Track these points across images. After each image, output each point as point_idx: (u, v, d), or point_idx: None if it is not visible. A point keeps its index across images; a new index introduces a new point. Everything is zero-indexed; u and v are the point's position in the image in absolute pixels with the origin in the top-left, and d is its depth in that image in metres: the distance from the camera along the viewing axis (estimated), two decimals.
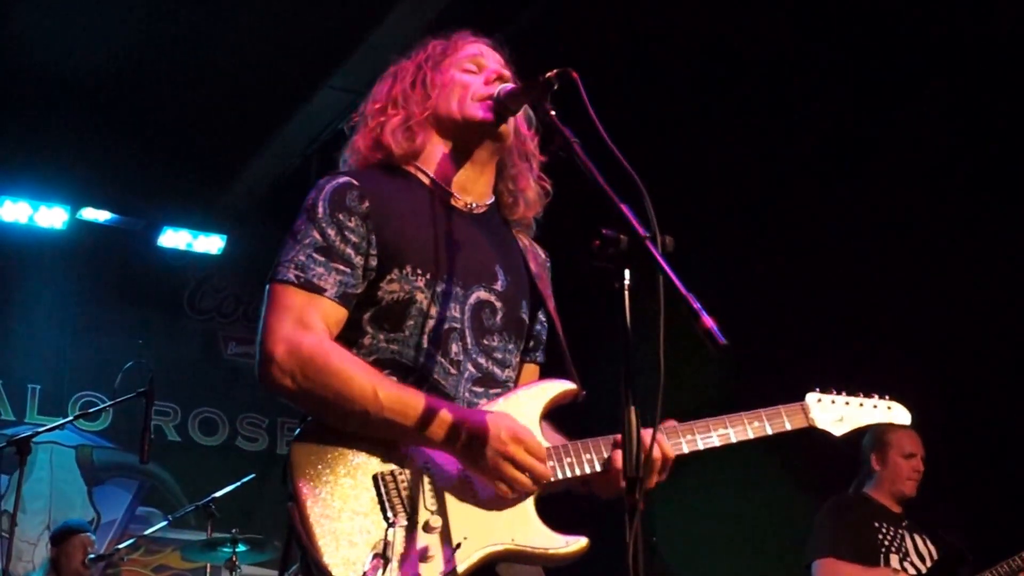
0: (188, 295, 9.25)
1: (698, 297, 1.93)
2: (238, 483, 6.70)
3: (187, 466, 8.77)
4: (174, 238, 8.86)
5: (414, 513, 2.29)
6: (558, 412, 2.56)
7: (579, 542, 2.40)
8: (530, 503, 2.40)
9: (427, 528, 2.29)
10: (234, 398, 9.06)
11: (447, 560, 2.27)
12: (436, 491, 2.34)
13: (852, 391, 2.85)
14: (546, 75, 2.38)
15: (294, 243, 2.46)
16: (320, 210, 2.47)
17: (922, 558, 5.23)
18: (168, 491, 8.78)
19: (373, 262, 2.47)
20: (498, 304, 2.58)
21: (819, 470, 5.86)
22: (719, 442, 2.58)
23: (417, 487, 2.33)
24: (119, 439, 8.62)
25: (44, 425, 6.26)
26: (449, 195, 2.62)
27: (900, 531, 5.29)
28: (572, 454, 2.44)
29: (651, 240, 2.04)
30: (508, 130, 2.62)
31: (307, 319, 2.38)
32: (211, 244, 8.94)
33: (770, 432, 2.65)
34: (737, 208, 7.43)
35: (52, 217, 8.45)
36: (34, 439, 5.79)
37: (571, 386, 2.54)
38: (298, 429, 2.40)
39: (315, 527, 2.25)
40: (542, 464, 2.36)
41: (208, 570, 6.86)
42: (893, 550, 5.21)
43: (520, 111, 2.63)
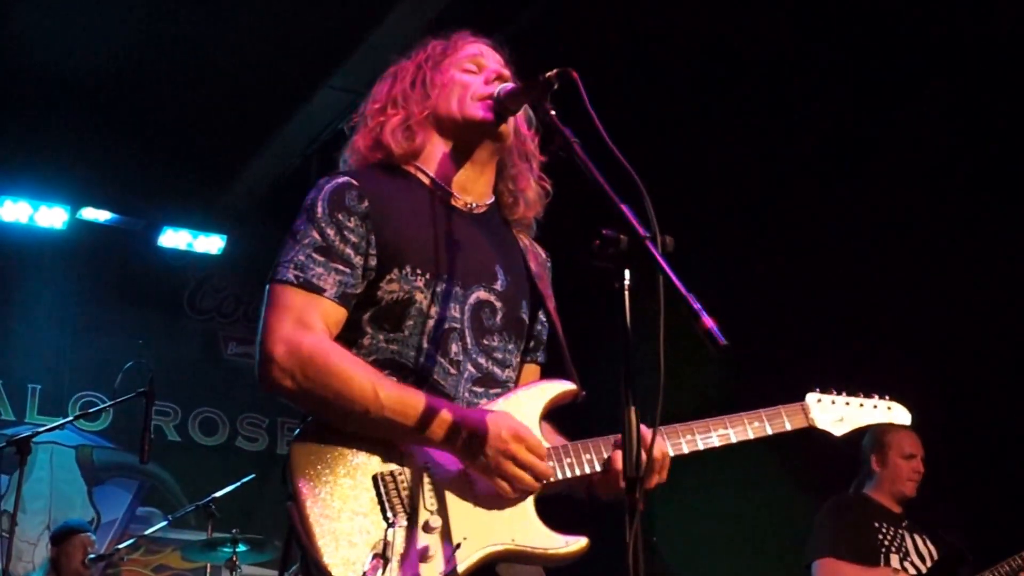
0: (188, 295, 9.25)
1: (698, 297, 1.93)
2: (238, 483, 6.70)
3: (187, 466, 8.77)
4: (174, 238, 8.86)
5: (414, 513, 2.29)
6: (558, 412, 2.55)
7: (579, 542, 2.40)
8: (530, 503, 2.40)
9: (427, 528, 2.28)
10: (234, 398, 9.05)
11: (447, 560, 2.27)
12: (436, 491, 2.33)
13: (852, 391, 2.85)
14: (546, 75, 2.38)
15: (294, 243, 2.46)
16: (319, 210, 2.47)
17: (922, 558, 5.23)
18: (168, 491, 8.77)
19: (373, 262, 2.47)
20: (498, 304, 2.58)
21: (819, 470, 5.86)
22: (719, 442, 2.58)
23: (417, 487, 2.32)
24: (119, 439, 8.62)
25: (44, 425, 6.25)
26: (449, 195, 2.61)
27: (900, 531, 5.29)
28: (572, 454, 2.44)
29: (651, 240, 2.04)
30: (508, 130, 2.62)
31: (307, 319, 2.38)
32: (211, 244, 8.94)
33: (770, 432, 2.65)
34: (737, 208, 7.42)
35: (52, 217, 8.45)
36: (34, 439, 5.80)
37: (571, 386, 2.54)
38: (298, 429, 2.40)
39: (315, 527, 2.25)
40: (543, 462, 2.37)
41: (208, 570, 6.86)
42: (893, 550, 5.20)
43: (520, 111, 2.63)
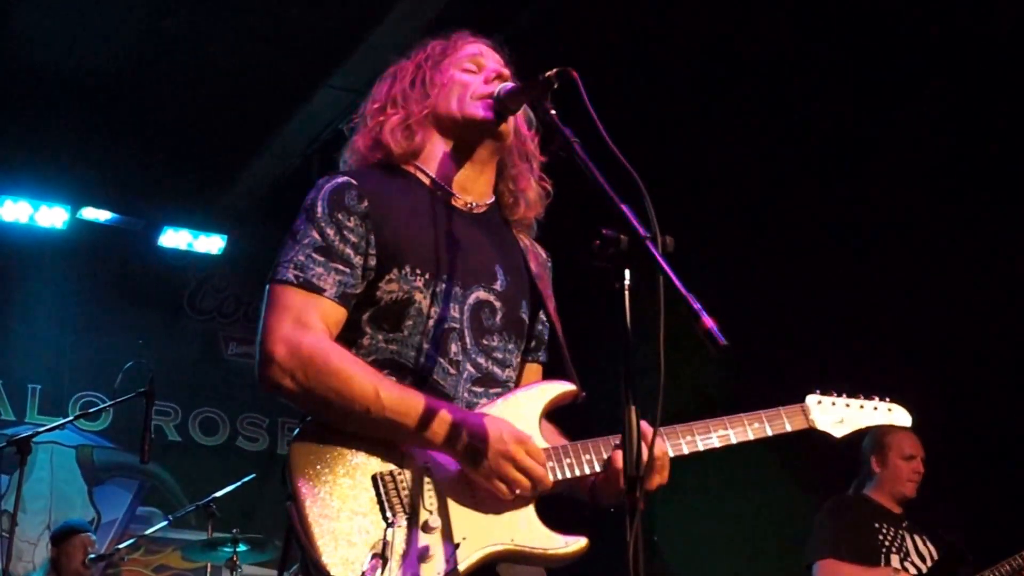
0: (188, 295, 9.24)
1: (698, 297, 1.93)
2: (239, 483, 6.70)
3: (187, 466, 8.77)
4: (174, 238, 8.85)
5: (413, 513, 2.29)
6: (558, 412, 2.55)
7: (578, 542, 2.40)
8: (530, 503, 2.39)
9: (426, 528, 2.28)
10: (234, 398, 9.05)
11: (446, 560, 2.26)
12: (436, 491, 2.33)
13: (852, 393, 2.85)
14: (546, 74, 2.37)
15: (293, 243, 2.46)
16: (319, 210, 2.47)
17: (922, 558, 5.23)
18: (168, 491, 8.77)
19: (372, 262, 2.46)
20: (497, 304, 2.57)
21: (819, 470, 5.86)
22: (719, 443, 2.57)
23: (416, 487, 2.32)
24: (119, 439, 8.61)
25: (44, 425, 6.25)
26: (449, 195, 2.61)
27: (900, 531, 5.29)
28: (572, 455, 2.44)
29: (651, 240, 2.04)
30: (508, 129, 2.61)
31: (307, 319, 2.37)
32: (211, 244, 8.93)
33: (770, 433, 2.65)
34: (737, 208, 7.42)
35: (52, 217, 8.44)
36: (34, 439, 5.79)
37: (571, 387, 2.53)
38: (297, 429, 2.40)
39: (314, 527, 2.24)
40: (542, 468, 2.36)
41: (208, 570, 6.86)
42: (894, 550, 5.20)
43: (520, 111, 2.63)
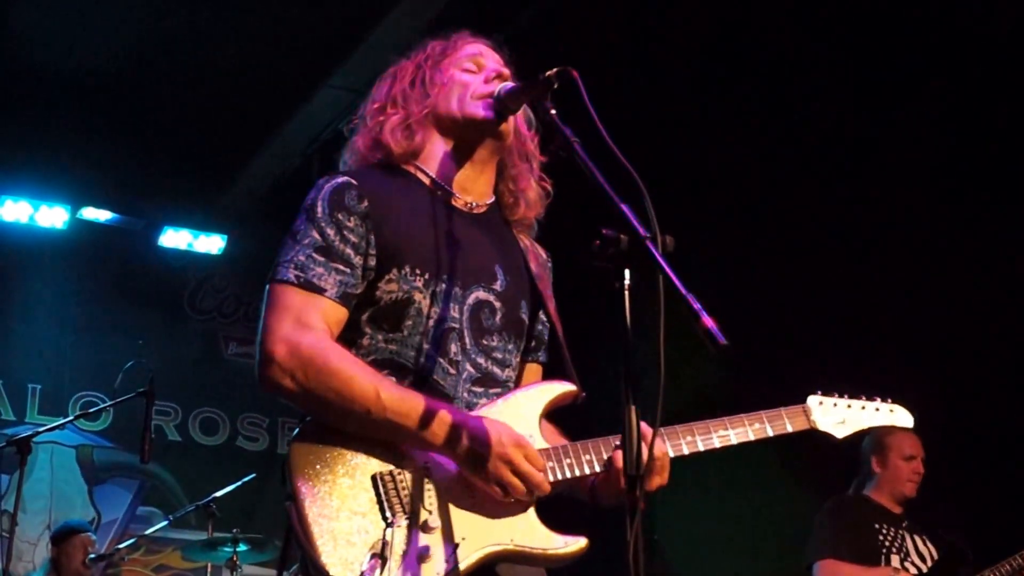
0: (188, 295, 9.24)
1: (698, 297, 1.93)
2: (239, 483, 6.69)
3: (188, 466, 8.77)
4: (175, 238, 8.86)
5: (413, 513, 2.29)
6: (558, 413, 2.55)
7: (578, 542, 2.39)
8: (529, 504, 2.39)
9: (426, 528, 2.28)
10: (235, 398, 9.04)
11: (446, 560, 2.26)
12: (435, 491, 2.33)
13: (854, 394, 2.84)
14: (546, 74, 2.37)
15: (294, 243, 2.45)
16: (319, 210, 2.47)
17: (923, 558, 5.23)
18: (169, 491, 8.77)
19: (372, 262, 2.46)
20: (497, 304, 2.57)
21: (819, 470, 5.86)
22: (719, 444, 2.57)
23: (416, 487, 2.32)
24: (119, 439, 8.61)
25: (44, 425, 6.26)
26: (449, 194, 2.61)
27: (900, 532, 5.29)
28: (572, 455, 2.44)
29: (651, 240, 2.04)
30: (508, 128, 2.61)
31: (307, 319, 2.37)
32: (212, 244, 8.94)
33: (771, 434, 2.64)
34: (737, 208, 7.42)
35: (52, 217, 8.44)
36: (34, 439, 5.80)
37: (571, 387, 2.53)
38: (296, 429, 2.40)
39: (313, 527, 2.24)
40: (539, 473, 2.36)
41: (209, 570, 6.85)
42: (894, 551, 5.20)
43: (520, 111, 2.62)
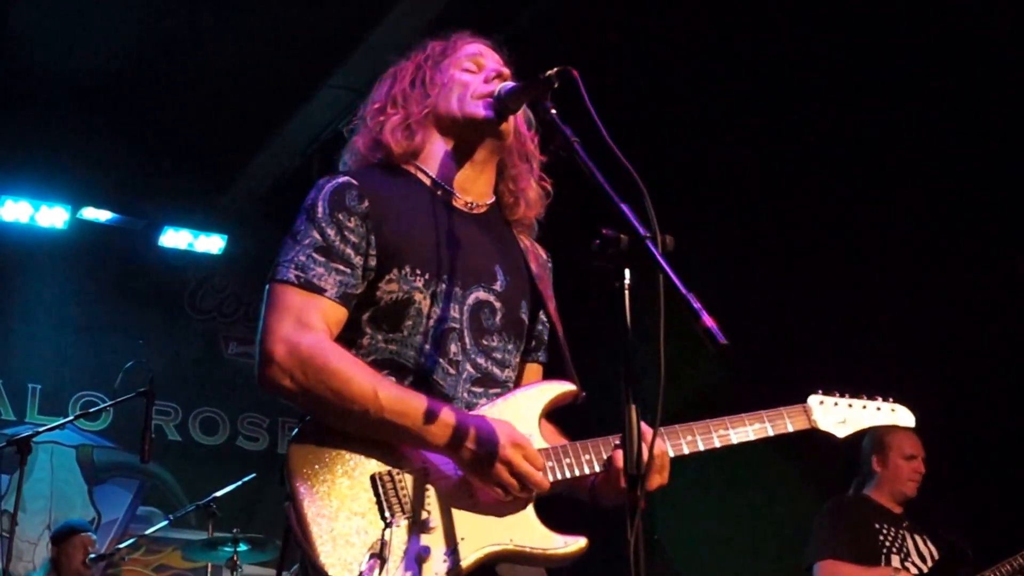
0: (189, 295, 9.24)
1: (698, 297, 1.93)
2: (239, 483, 6.70)
3: (188, 466, 8.77)
4: (175, 238, 8.86)
5: (412, 513, 2.29)
6: (558, 412, 2.55)
7: (578, 542, 2.39)
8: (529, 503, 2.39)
9: (425, 528, 2.28)
10: (235, 398, 9.04)
11: (445, 560, 2.26)
12: (434, 491, 2.33)
13: (855, 393, 2.84)
14: (546, 74, 2.37)
15: (294, 243, 2.45)
16: (320, 210, 2.47)
17: (923, 558, 5.23)
18: (169, 491, 8.77)
19: (372, 262, 2.46)
20: (497, 304, 2.57)
21: (819, 470, 5.86)
22: (719, 443, 2.57)
23: (415, 488, 2.32)
24: (120, 439, 8.61)
25: (44, 425, 6.25)
26: (450, 194, 2.61)
27: (900, 532, 5.28)
28: (571, 455, 2.43)
29: (651, 240, 2.04)
30: (508, 128, 2.61)
31: (307, 319, 2.37)
32: (212, 244, 8.94)
33: (771, 434, 2.64)
34: (737, 208, 7.42)
35: (53, 217, 8.44)
36: (34, 439, 5.80)
37: (570, 387, 2.53)
38: (296, 429, 2.40)
39: (312, 527, 2.24)
40: (539, 474, 2.36)
41: (209, 570, 6.85)
42: (894, 551, 5.20)
43: (520, 111, 2.62)
